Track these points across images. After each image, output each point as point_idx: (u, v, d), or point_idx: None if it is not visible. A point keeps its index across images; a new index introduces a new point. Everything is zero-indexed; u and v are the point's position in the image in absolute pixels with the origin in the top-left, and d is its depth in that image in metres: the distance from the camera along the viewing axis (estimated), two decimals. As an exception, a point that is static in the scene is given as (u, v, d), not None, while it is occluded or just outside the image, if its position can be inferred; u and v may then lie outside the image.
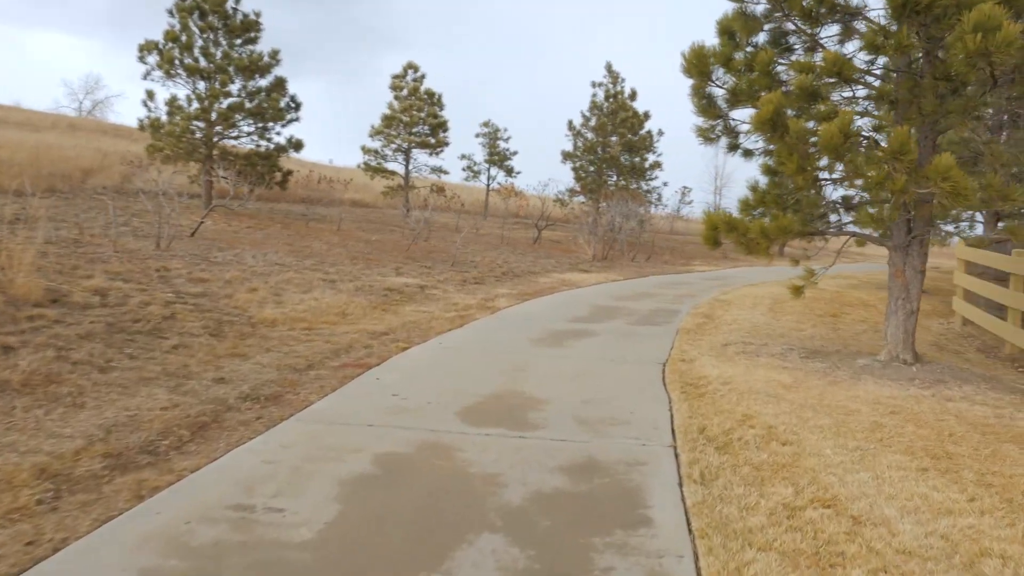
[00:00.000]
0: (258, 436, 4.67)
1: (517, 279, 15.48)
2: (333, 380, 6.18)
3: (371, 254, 15.52)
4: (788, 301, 13.13)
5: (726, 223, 7.46)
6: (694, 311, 11.58)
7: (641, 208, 27.10)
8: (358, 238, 18.26)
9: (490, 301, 11.73)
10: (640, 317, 10.80)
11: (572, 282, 15.74)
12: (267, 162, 19.17)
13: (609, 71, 29.02)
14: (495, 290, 13.35)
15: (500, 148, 33.74)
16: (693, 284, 16.82)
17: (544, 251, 22.15)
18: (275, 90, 18.91)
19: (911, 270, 7.41)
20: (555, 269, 18.04)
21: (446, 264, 15.84)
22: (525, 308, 11.37)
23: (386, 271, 13.53)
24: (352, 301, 10.14)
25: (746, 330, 9.70)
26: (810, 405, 5.81)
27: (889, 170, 6.08)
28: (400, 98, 26.69)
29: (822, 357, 7.89)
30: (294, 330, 8.11)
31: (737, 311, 11.59)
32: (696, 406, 5.72)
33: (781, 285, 16.84)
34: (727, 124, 8.23)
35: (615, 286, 15.66)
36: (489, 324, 9.64)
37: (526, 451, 4.56)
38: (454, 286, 13.23)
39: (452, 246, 17.99)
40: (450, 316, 9.95)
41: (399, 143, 26.54)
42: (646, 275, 19.08)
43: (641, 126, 29.34)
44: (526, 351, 7.83)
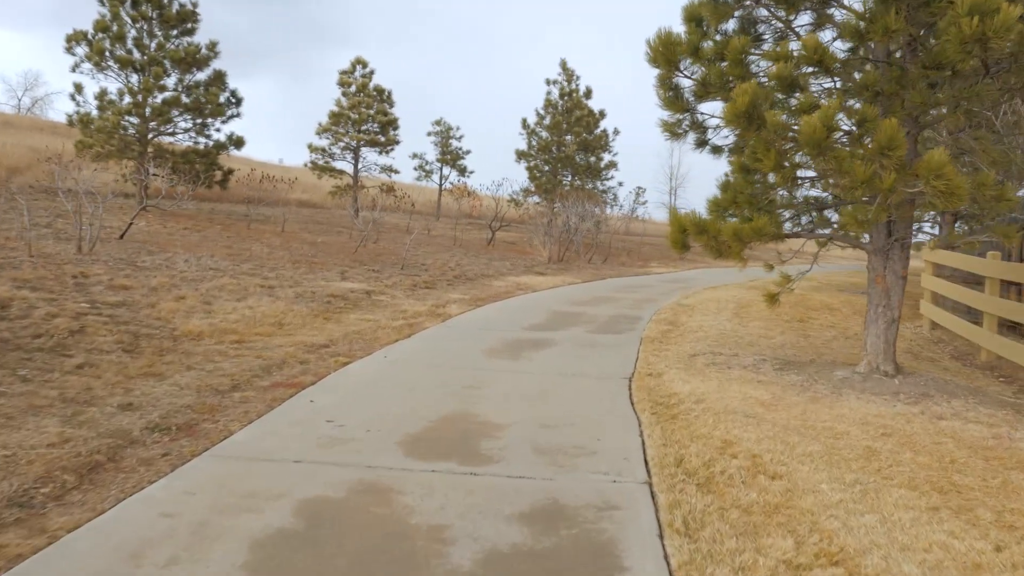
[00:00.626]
0: (160, 479, 3.93)
1: (470, 283, 14.81)
2: (260, 404, 5.44)
3: (316, 257, 14.70)
4: (753, 305, 12.70)
5: (695, 225, 6.90)
6: (657, 317, 11.05)
7: (597, 209, 26.64)
8: (303, 240, 17.40)
9: (441, 307, 11.04)
10: (601, 324, 10.22)
11: (528, 286, 15.13)
12: (205, 160, 18.19)
13: (564, 68, 28.52)
14: (447, 295, 12.67)
15: (453, 147, 33.03)
16: (653, 287, 16.34)
17: (498, 253, 21.52)
18: (214, 84, 17.96)
19: (892, 275, 6.94)
20: (510, 272, 17.41)
21: (395, 267, 15.10)
22: (479, 315, 10.71)
23: (331, 275, 12.75)
24: (291, 309, 9.37)
25: (713, 338, 9.18)
26: (794, 427, 5.26)
27: (876, 167, 5.57)
28: (348, 95, 25.81)
29: (797, 368, 7.39)
30: (222, 344, 7.33)
31: (702, 317, 11.09)
32: (670, 430, 5.13)
33: (743, 288, 16.48)
34: (694, 118, 7.68)
35: (572, 290, 15.10)
36: (440, 334, 8.96)
37: (479, 493, 3.90)
38: (403, 291, 12.51)
39: (402, 248, 17.24)
40: (398, 325, 9.24)
41: (347, 141, 25.66)
42: (604, 277, 18.57)
43: (596, 125, 28.89)
44: (479, 365, 7.18)
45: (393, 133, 26.24)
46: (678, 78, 7.16)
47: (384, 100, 26.30)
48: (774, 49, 6.41)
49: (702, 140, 7.77)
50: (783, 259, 7.63)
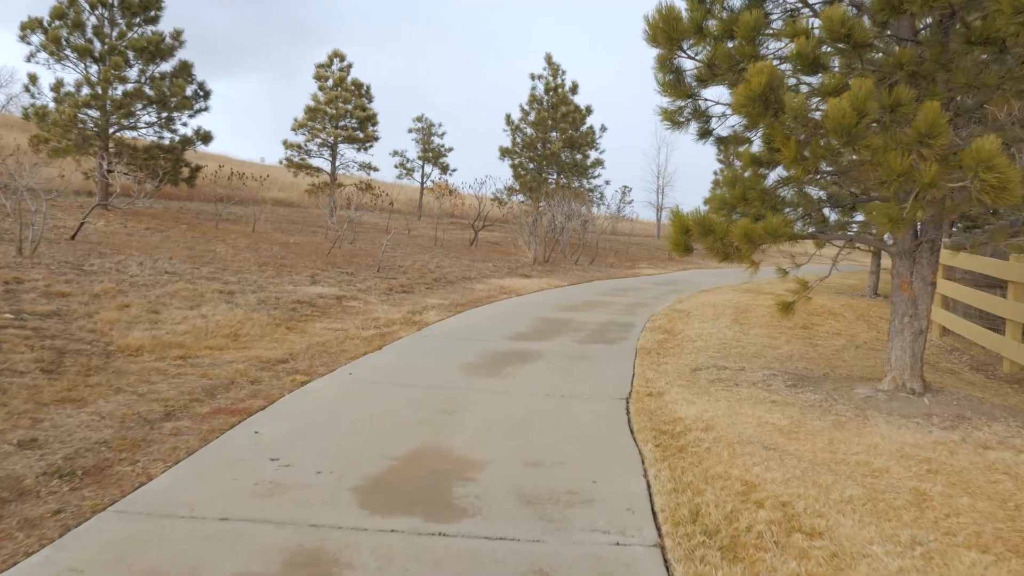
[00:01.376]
0: (40, 550, 3.10)
1: (450, 286, 14.00)
2: (194, 437, 4.62)
3: (285, 259, 13.84)
4: (752, 310, 11.99)
5: (700, 225, 6.13)
6: (651, 324, 10.29)
7: (583, 208, 25.89)
8: (274, 241, 16.53)
9: (418, 314, 10.23)
10: (591, 333, 9.45)
11: (512, 289, 14.34)
12: (171, 156, 17.25)
13: (549, 63, 27.74)
14: (425, 300, 11.85)
15: (435, 144, 32.22)
16: (644, 290, 15.59)
17: (481, 254, 20.71)
18: (179, 75, 17.03)
19: (920, 281, 6.20)
20: (493, 274, 16.61)
21: (371, 270, 14.27)
22: (458, 323, 9.91)
23: (299, 279, 11.90)
24: (250, 318, 8.52)
25: (715, 348, 8.43)
26: (823, 462, 4.50)
27: (915, 158, 4.82)
28: (325, 89, 24.93)
29: (812, 385, 6.64)
30: (164, 360, 6.49)
31: (700, 324, 10.34)
32: (679, 468, 4.35)
33: (738, 291, 15.77)
34: (696, 105, 6.91)
35: (559, 293, 14.32)
36: (414, 345, 8.15)
37: (448, 566, 3.11)
38: (378, 296, 11.68)
39: (379, 249, 16.40)
40: (368, 335, 8.43)
41: (324, 137, 24.77)
42: (591, 280, 17.81)
43: (583, 121, 28.14)
44: (456, 384, 6.37)
45: (372, 129, 25.38)
46: (680, 59, 6.39)
47: (363, 95, 25.43)
48: (791, 24, 5.65)
49: (705, 130, 7.01)
50: (797, 263, 6.89)
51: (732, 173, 6.71)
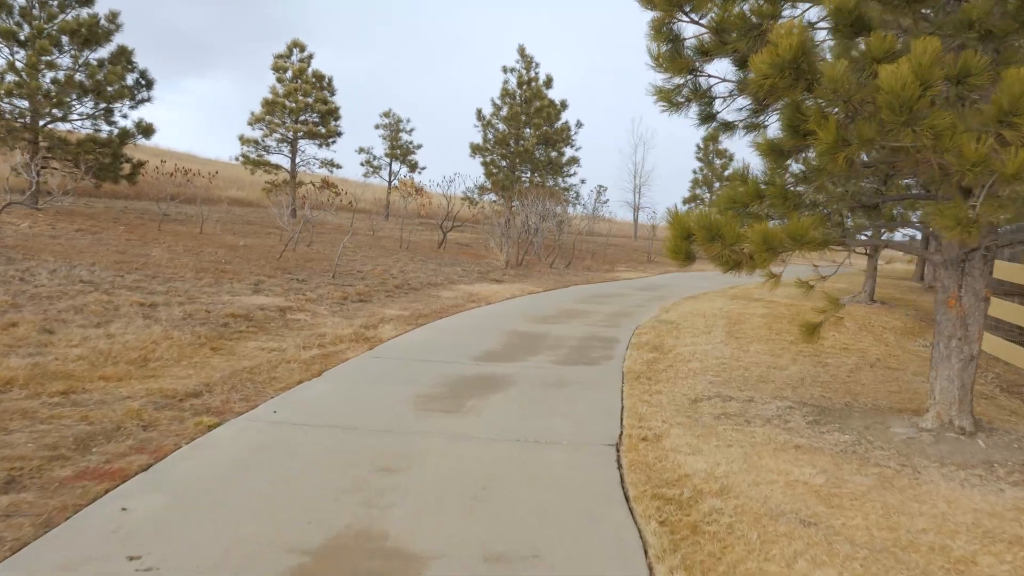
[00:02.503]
0: None
1: (413, 294, 12.80)
2: (31, 521, 3.39)
3: (229, 264, 12.55)
4: (746, 321, 10.92)
5: (706, 229, 5.01)
6: (638, 339, 9.17)
7: (559, 207, 24.78)
8: (222, 243, 15.20)
9: (372, 328, 9.03)
10: (570, 350, 8.30)
11: (481, 296, 13.17)
12: (107, 150, 15.85)
13: (522, 55, 26.58)
14: (382, 311, 10.64)
15: (403, 141, 30.95)
16: (625, 297, 14.49)
17: (450, 257, 19.51)
18: (117, 62, 15.63)
19: (971, 296, 5.12)
20: (462, 279, 15.42)
21: (326, 276, 13.02)
22: (418, 338, 8.71)
23: (241, 287, 10.64)
24: (168, 337, 7.27)
25: (714, 370, 7.32)
26: (885, 547, 3.38)
27: (993, 142, 3.72)
28: (284, 81, 23.58)
29: (838, 420, 5.54)
30: (38, 397, 5.23)
31: (692, 338, 9.23)
32: (696, 567, 3.20)
33: (726, 297, 14.72)
34: (697, 84, 5.78)
35: (533, 301, 13.17)
36: (361, 370, 6.94)
37: None
38: (329, 307, 10.45)
39: (336, 252, 15.16)
40: (308, 357, 7.21)
41: (283, 132, 23.43)
42: (568, 285, 16.68)
43: (558, 116, 27.02)
44: (404, 425, 5.18)
45: (334, 124, 24.07)
46: (680, 23, 5.25)
47: (324, 87, 24.11)
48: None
49: (708, 113, 5.89)
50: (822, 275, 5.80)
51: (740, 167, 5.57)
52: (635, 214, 43.83)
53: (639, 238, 40.44)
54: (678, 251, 5.26)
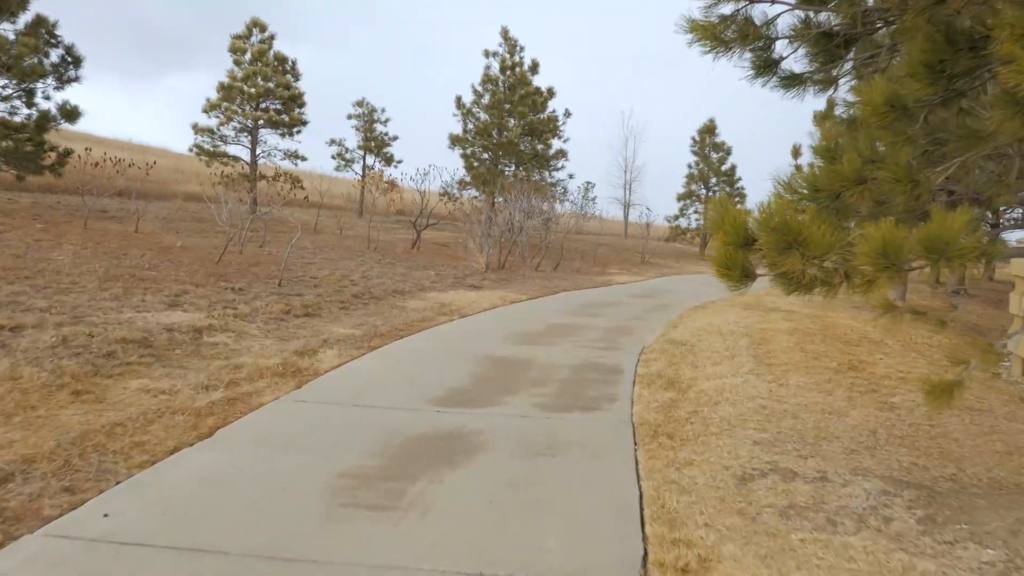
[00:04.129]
0: None
1: (374, 305, 10.94)
2: None
3: (154, 270, 10.64)
4: (771, 340, 9.15)
5: (778, 232, 3.20)
6: (646, 368, 7.35)
7: (545, 204, 22.96)
8: (156, 244, 13.28)
9: (309, 355, 7.19)
10: (560, 387, 6.48)
11: (455, 307, 11.32)
12: (22, 135, 13.88)
13: (505, 38, 24.74)
14: (331, 328, 8.79)
15: (378, 132, 29.02)
16: (622, 306, 12.67)
17: (424, 259, 17.64)
18: (34, 33, 13.66)
19: None
20: (435, 286, 13.57)
21: (271, 283, 11.14)
22: (364, 370, 6.87)
23: (155, 300, 8.75)
24: (13, 376, 5.39)
25: (755, 419, 5.51)
26: None
27: None
28: (242, 63, 21.62)
29: (961, 517, 3.75)
30: None
31: (712, 366, 7.42)
32: None
33: (737, 306, 12.94)
34: (750, 24, 3.96)
35: (516, 312, 11.34)
36: (272, 425, 5.09)
37: None
38: (263, 324, 8.59)
39: (292, 255, 13.29)
40: (206, 403, 5.36)
41: (241, 120, 21.47)
42: (556, 291, 14.86)
43: (544, 105, 25.20)
44: (302, 545, 3.33)
45: (299, 112, 22.15)
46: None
47: (287, 71, 22.16)
48: None
49: (766, 60, 4.07)
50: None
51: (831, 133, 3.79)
52: (625, 211, 42.12)
53: (630, 237, 38.71)
54: (731, 265, 3.46)
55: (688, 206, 33.10)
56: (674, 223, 33.18)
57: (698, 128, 32.61)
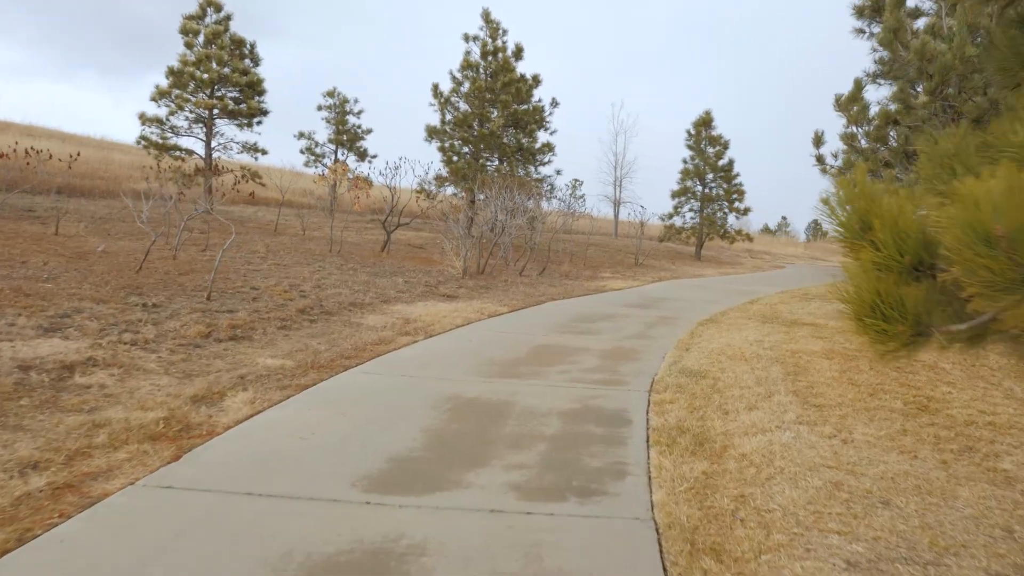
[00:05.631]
0: None
1: (324, 322, 9.17)
2: None
3: (48, 282, 8.84)
4: (807, 367, 7.48)
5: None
6: (661, 418, 5.59)
7: (531, 201, 21.21)
8: (70, 249, 11.46)
9: (211, 401, 5.43)
10: (545, 454, 4.72)
11: (422, 324, 9.57)
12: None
13: (487, 21, 22.92)
14: (257, 357, 7.03)
15: (350, 125, 27.23)
16: (620, 320, 10.94)
17: (394, 263, 15.85)
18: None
19: None
20: (401, 296, 11.80)
21: (200, 296, 9.35)
22: (277, 426, 5.10)
23: (29, 324, 6.95)
24: None
25: (836, 515, 3.79)
26: None
27: None
28: (194, 46, 19.75)
29: None
30: None
31: (747, 412, 5.69)
32: None
33: (753, 318, 11.23)
34: None
35: (495, 330, 9.59)
36: (92, 545, 3.33)
37: None
38: (169, 353, 6.81)
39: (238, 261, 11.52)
40: (8, 501, 3.60)
41: (193, 109, 19.61)
42: (542, 300, 13.12)
43: (529, 94, 23.42)
44: None
45: (258, 100, 20.31)
46: None
47: (245, 55, 20.32)
48: None
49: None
50: None
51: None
52: (616, 209, 40.43)
53: (622, 236, 37.02)
54: (889, 308, 1.70)
55: (683, 203, 31.40)
56: (668, 222, 31.47)
57: (693, 121, 30.95)
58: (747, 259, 35.44)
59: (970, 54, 10.54)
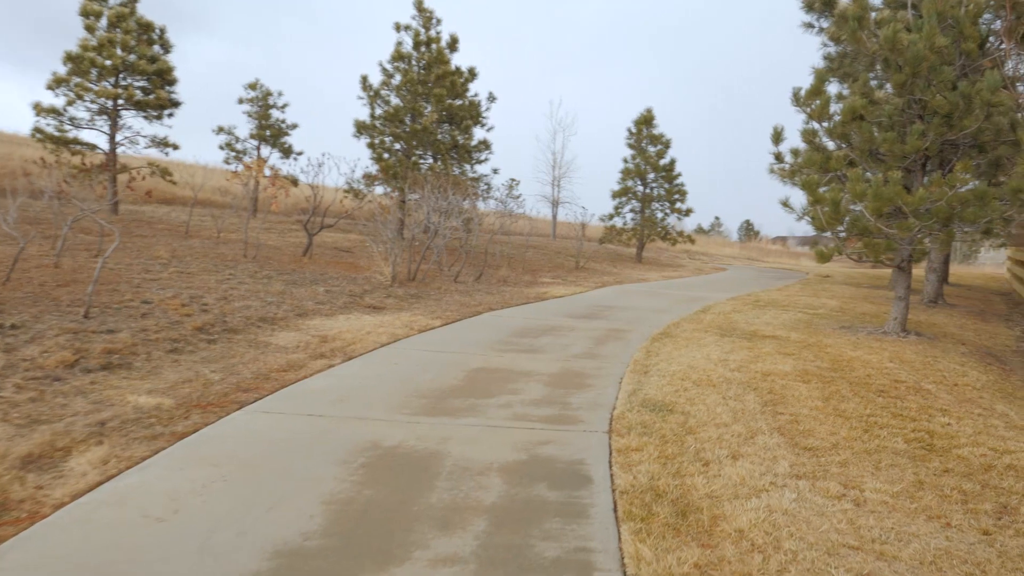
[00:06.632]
0: None
1: (225, 342, 7.89)
2: None
3: None
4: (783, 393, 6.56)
5: None
6: (629, 475, 4.50)
7: (467, 201, 20.07)
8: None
9: (47, 464, 4.21)
10: (483, 540, 3.61)
11: (341, 343, 8.36)
12: None
13: (419, 9, 21.68)
14: (128, 393, 5.76)
15: (273, 119, 25.66)
16: (565, 334, 9.88)
17: (316, 269, 14.54)
18: None
19: None
20: (321, 309, 10.54)
21: (76, 313, 7.97)
22: (127, 503, 3.88)
23: None
24: None
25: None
26: None
27: None
28: (94, 28, 18.07)
29: None
30: None
31: (734, 467, 4.65)
32: None
33: (709, 331, 10.29)
34: None
35: (425, 348, 8.43)
36: None
37: None
38: (15, 390, 5.50)
39: (134, 268, 10.11)
40: None
41: (93, 99, 17.92)
42: (479, 310, 12.00)
43: (465, 88, 22.26)
44: None
45: (168, 90, 18.71)
46: None
47: (154, 41, 18.70)
48: None
49: None
50: None
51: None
52: (554, 210, 39.50)
53: (560, 238, 36.15)
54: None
55: (624, 204, 30.61)
56: (609, 223, 30.64)
57: (634, 119, 30.16)
58: (687, 260, 34.90)
59: (940, 44, 9.82)
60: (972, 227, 10.03)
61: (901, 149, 10.02)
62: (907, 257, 10.70)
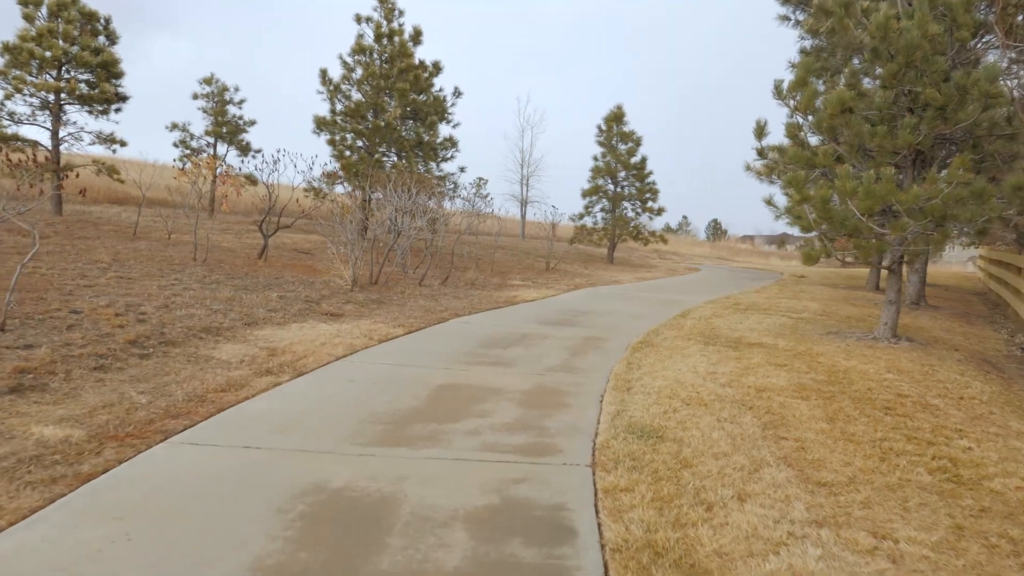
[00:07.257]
0: None
1: (161, 357, 7.09)
2: None
3: None
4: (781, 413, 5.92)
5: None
6: (619, 524, 3.78)
7: (432, 201, 19.30)
8: None
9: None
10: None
11: (291, 358, 7.58)
12: None
13: (381, 1, 20.87)
14: (33, 425, 4.96)
15: (230, 115, 24.68)
16: (538, 343, 9.17)
17: (272, 273, 13.69)
18: None
19: None
20: (272, 317, 9.74)
21: (-13, 326, 7.12)
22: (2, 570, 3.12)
23: None
24: None
25: None
26: None
27: None
28: (36, 19, 17.03)
29: None
30: None
31: (741, 511, 3.97)
32: None
33: (691, 338, 9.63)
34: None
35: (384, 361, 7.68)
36: None
37: None
38: None
39: (69, 273, 9.24)
40: None
41: (32, 92, 16.88)
42: (445, 316, 11.25)
43: (430, 83, 21.48)
44: None
45: (114, 84, 17.71)
46: None
47: (99, 31, 17.70)
48: None
49: None
50: None
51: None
52: (523, 209, 38.84)
53: (529, 238, 35.46)
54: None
55: (594, 203, 29.98)
56: (579, 223, 29.99)
57: (604, 116, 29.57)
58: (659, 261, 34.39)
59: (933, 32, 9.27)
60: (968, 226, 9.51)
61: (892, 144, 9.47)
62: (899, 258, 10.16)
